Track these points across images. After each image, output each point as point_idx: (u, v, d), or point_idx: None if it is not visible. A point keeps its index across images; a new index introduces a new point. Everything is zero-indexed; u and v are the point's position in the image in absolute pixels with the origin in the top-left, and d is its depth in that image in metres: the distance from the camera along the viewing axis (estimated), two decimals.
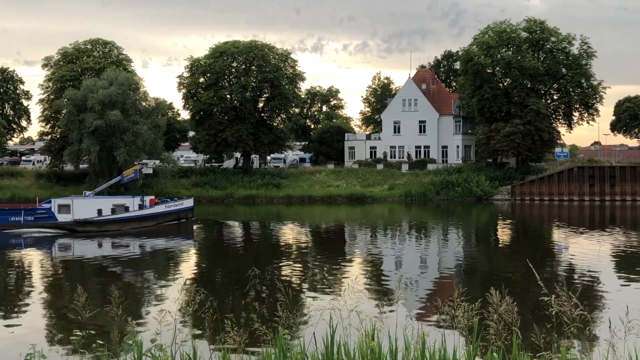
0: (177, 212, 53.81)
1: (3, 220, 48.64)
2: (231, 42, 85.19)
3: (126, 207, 50.65)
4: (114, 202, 50.98)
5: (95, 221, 48.89)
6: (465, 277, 31.14)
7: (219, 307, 8.99)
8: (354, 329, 8.05)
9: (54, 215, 48.89)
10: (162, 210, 52.81)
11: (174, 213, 53.58)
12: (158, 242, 44.17)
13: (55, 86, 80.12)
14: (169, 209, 53.26)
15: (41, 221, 48.73)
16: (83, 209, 49.29)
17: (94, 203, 50.34)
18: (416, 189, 77.49)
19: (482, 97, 79.90)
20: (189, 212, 54.87)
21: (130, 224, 49.99)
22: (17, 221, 48.52)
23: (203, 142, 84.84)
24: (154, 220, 51.67)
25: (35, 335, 19.85)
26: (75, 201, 49.95)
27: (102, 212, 49.61)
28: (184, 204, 55.51)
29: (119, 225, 49.45)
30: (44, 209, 49.50)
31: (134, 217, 50.65)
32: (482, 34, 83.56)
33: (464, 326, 7.63)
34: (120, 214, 50.19)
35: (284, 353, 7.73)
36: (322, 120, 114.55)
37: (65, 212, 48.85)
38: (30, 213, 48.98)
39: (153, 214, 52.01)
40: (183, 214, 54.21)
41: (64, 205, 49.18)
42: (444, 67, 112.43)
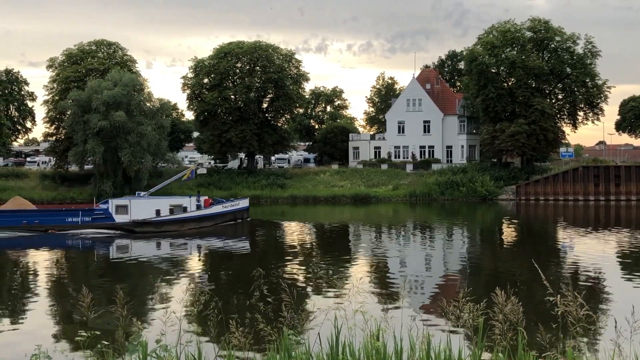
0: (233, 213, 53.22)
1: (60, 221, 48.39)
2: (235, 42, 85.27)
3: (184, 208, 50.13)
4: (171, 203, 50.52)
5: (154, 222, 48.49)
6: (470, 277, 31.10)
7: (229, 307, 8.98)
8: (359, 329, 8.03)
9: (111, 215, 48.54)
10: (220, 210, 52.24)
11: (231, 213, 53.01)
12: (216, 243, 43.66)
13: (60, 87, 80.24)
14: (226, 209, 52.70)
15: (99, 222, 48.42)
16: (141, 209, 48.86)
17: (151, 203, 49.84)
18: (421, 189, 77.43)
19: (487, 97, 79.80)
20: (244, 212, 54.33)
21: (189, 225, 49.43)
22: (74, 222, 48.25)
23: (207, 142, 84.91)
24: (211, 221, 51.11)
25: (42, 336, 19.89)
26: (133, 202, 49.46)
27: (160, 212, 49.16)
28: (240, 204, 54.81)
29: (177, 226, 48.99)
30: (102, 210, 49.19)
31: (192, 218, 50.13)
32: (487, 34, 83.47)
33: (470, 326, 7.61)
34: (178, 215, 49.73)
35: (288, 353, 7.72)
36: (326, 120, 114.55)
37: (123, 213, 48.48)
38: (87, 214, 48.71)
39: (211, 214, 51.46)
40: (239, 214, 53.68)
41: (121, 206, 48.82)
42: (448, 67, 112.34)
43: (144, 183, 70.12)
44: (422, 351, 7.70)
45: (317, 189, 79.12)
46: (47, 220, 48.67)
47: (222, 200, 55.09)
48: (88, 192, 72.35)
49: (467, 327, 7.64)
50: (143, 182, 69.93)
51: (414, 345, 7.82)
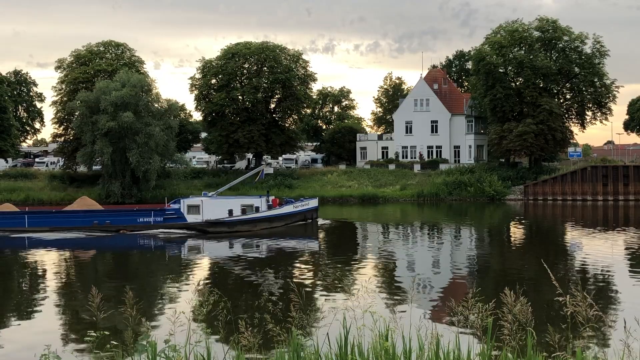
0: (304, 213, 52.72)
1: (131, 222, 48.41)
2: (243, 43, 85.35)
3: (256, 208, 49.74)
4: (242, 203, 50.15)
5: (226, 222, 48.17)
6: (479, 277, 31.05)
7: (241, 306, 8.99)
8: (368, 329, 8.03)
9: (183, 215, 48.37)
10: (291, 210, 51.74)
11: (301, 213, 52.52)
12: (288, 244, 43.32)
13: (68, 88, 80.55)
14: (297, 209, 52.17)
15: (170, 222, 48.29)
16: (213, 209, 48.53)
17: (224, 203, 49.49)
18: (428, 189, 77.34)
19: (495, 97, 79.63)
20: (313, 212, 53.70)
21: (261, 225, 49.01)
22: (146, 222, 48.23)
23: (215, 143, 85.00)
24: (282, 221, 50.65)
25: (53, 336, 19.98)
26: (205, 202, 49.14)
27: (232, 212, 48.78)
28: (309, 204, 54.23)
29: (250, 226, 48.57)
30: (173, 210, 49.09)
31: (264, 218, 49.71)
32: (494, 34, 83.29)
33: (478, 326, 7.60)
34: (251, 215, 49.33)
35: (297, 353, 7.72)
36: (333, 120, 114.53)
37: (195, 213, 48.21)
38: (159, 214, 48.64)
39: (283, 214, 50.99)
40: (309, 214, 53.13)
41: (193, 206, 48.54)
42: (456, 67, 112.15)
43: (152, 184, 70.31)
44: (431, 351, 7.69)
45: (325, 190, 79.08)
46: (119, 221, 48.70)
47: (291, 200, 54.53)
48: (96, 193, 72.54)
49: (475, 327, 7.63)
50: (151, 183, 70.12)
51: (423, 345, 7.82)
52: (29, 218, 48.77)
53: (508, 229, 54.03)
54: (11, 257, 39.78)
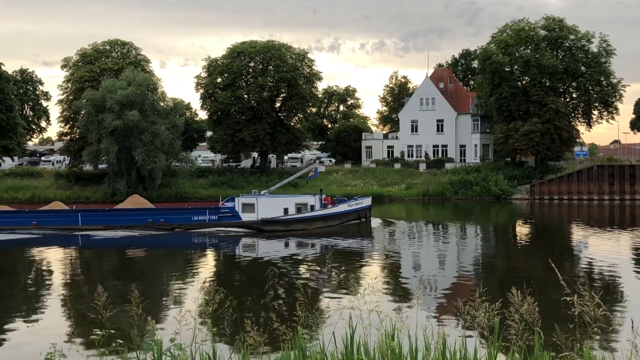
0: (357, 211, 52.19)
1: (186, 220, 48.41)
2: (248, 42, 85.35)
3: (311, 206, 49.33)
4: (297, 201, 49.79)
5: (282, 220, 47.90)
6: (484, 276, 30.99)
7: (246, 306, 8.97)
8: (374, 329, 8.01)
9: (237, 214, 48.21)
10: (346, 209, 51.29)
11: (355, 212, 51.98)
12: (343, 242, 42.80)
13: (74, 87, 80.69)
14: (351, 208, 51.71)
15: (225, 220, 48.21)
16: (268, 208, 48.24)
17: (278, 202, 49.21)
18: (434, 188, 77.22)
19: (501, 96, 79.50)
20: (367, 211, 53.14)
21: (317, 223, 48.61)
22: (201, 220, 48.18)
23: (220, 142, 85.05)
24: (337, 220, 50.28)
25: (58, 334, 20.00)
26: (260, 200, 48.87)
27: (288, 210, 48.38)
28: (363, 202, 53.52)
29: (305, 225, 48.13)
30: (228, 208, 48.92)
31: (320, 216, 49.29)
32: (500, 33, 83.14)
33: (485, 326, 7.56)
34: (306, 213, 48.93)
35: (303, 353, 7.70)
36: (339, 119, 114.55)
37: (249, 211, 48.02)
38: (214, 212, 48.54)
39: (338, 212, 50.58)
40: (362, 213, 52.61)
41: (248, 204, 48.31)
42: (462, 65, 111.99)
43: (158, 182, 70.38)
44: (437, 351, 7.67)
45: (330, 189, 78.97)
46: (173, 219, 48.65)
47: (344, 199, 54.00)
48: (102, 191, 72.67)
49: (482, 327, 7.60)
50: (157, 182, 70.19)
51: (429, 345, 7.79)
52: (82, 216, 48.83)
53: (514, 229, 53.91)
54: (64, 255, 40.07)
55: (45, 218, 49.28)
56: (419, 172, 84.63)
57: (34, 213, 50.36)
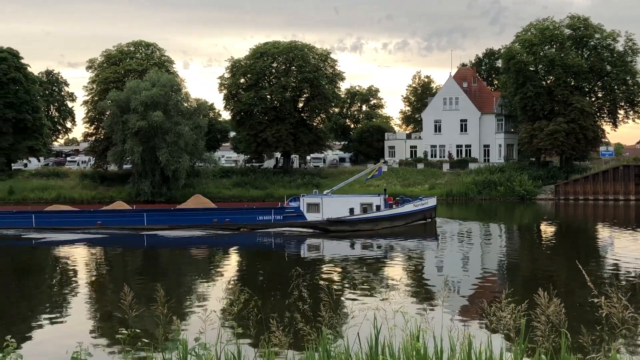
0: (423, 212, 51.36)
1: (251, 220, 48.42)
2: (271, 42, 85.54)
3: (377, 206, 48.80)
4: (362, 201, 49.32)
5: (348, 220, 47.53)
6: (510, 278, 30.78)
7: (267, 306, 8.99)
8: (399, 329, 7.98)
9: (302, 214, 47.99)
10: (412, 209, 50.61)
11: (421, 212, 51.16)
12: (407, 243, 42.33)
13: (99, 88, 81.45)
14: (417, 208, 50.96)
15: (290, 220, 48.04)
16: (333, 207, 47.87)
17: (344, 202, 48.82)
18: (457, 188, 76.83)
19: (525, 95, 78.94)
20: (432, 211, 52.33)
21: (383, 224, 48.08)
22: (266, 220, 48.14)
23: (244, 142, 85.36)
24: (403, 220, 49.58)
25: (86, 333, 20.21)
26: (325, 200, 48.51)
27: (354, 211, 47.99)
28: (428, 202, 52.66)
29: (371, 225, 47.65)
30: (293, 208, 48.78)
31: (386, 217, 48.80)
32: (525, 32, 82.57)
33: (511, 328, 7.50)
34: (372, 213, 48.43)
35: (327, 353, 7.70)
36: (361, 119, 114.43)
37: (314, 211, 47.74)
38: (279, 212, 48.48)
39: (404, 213, 49.95)
40: (427, 213, 51.78)
41: (313, 204, 48.03)
42: (486, 65, 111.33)
43: (182, 182, 70.78)
44: (463, 352, 7.62)
45: (353, 189, 78.76)
46: (239, 219, 48.66)
47: (409, 199, 53.42)
48: (127, 192, 73.20)
49: (508, 328, 7.54)
50: (180, 182, 70.59)
51: (455, 346, 7.75)
52: (147, 216, 49.12)
53: (539, 229, 53.45)
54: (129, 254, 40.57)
55: (111, 218, 49.61)
56: (442, 172, 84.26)
57: (99, 213, 50.69)
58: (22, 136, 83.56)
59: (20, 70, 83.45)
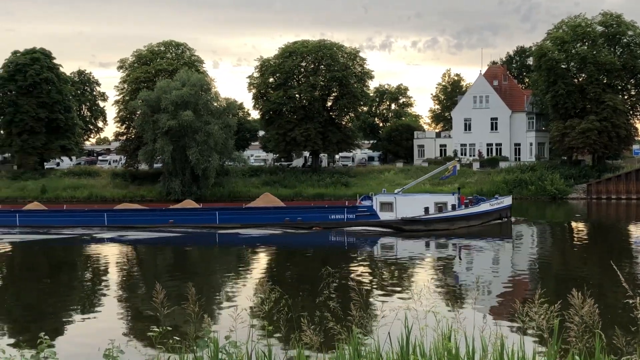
0: (499, 211, 50.14)
1: (323, 218, 48.08)
2: (300, 41, 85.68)
3: (452, 205, 47.92)
4: (436, 200, 48.62)
5: (423, 220, 46.72)
6: (541, 277, 30.44)
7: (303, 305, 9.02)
8: (431, 329, 7.94)
9: (375, 213, 47.30)
10: (488, 208, 49.38)
11: (497, 212, 49.97)
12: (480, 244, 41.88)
13: (130, 87, 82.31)
14: (493, 208, 49.79)
15: (363, 219, 47.40)
16: (407, 206, 47.01)
17: (418, 201, 48.06)
18: (488, 187, 76.13)
19: (556, 93, 78.08)
20: (508, 210, 50.97)
21: (459, 223, 47.13)
22: (338, 219, 47.61)
23: (272, 141, 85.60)
24: (479, 219, 48.45)
25: (116, 330, 20.43)
26: (399, 199, 47.75)
27: (429, 210, 47.14)
28: (504, 202, 51.29)
29: (447, 224, 46.81)
30: (365, 207, 48.13)
31: (463, 216, 48.04)
32: (556, 29, 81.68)
33: (544, 328, 7.42)
34: (448, 212, 47.56)
35: (358, 352, 7.69)
36: (390, 118, 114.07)
37: (388, 210, 46.96)
38: (351, 211, 47.91)
39: (481, 212, 48.88)
40: (503, 213, 50.49)
41: (386, 203, 47.32)
42: (517, 63, 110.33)
43: (211, 181, 71.25)
44: (495, 352, 7.56)
45: (382, 188, 78.63)
46: (311, 217, 48.33)
47: (483, 198, 52.48)
48: (157, 190, 73.84)
49: (541, 328, 7.46)
50: (210, 180, 71.06)
51: (486, 346, 7.69)
52: (219, 214, 49.13)
53: (570, 229, 52.81)
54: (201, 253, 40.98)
55: (183, 216, 49.72)
56: (472, 171, 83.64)
57: (171, 211, 50.79)
58: (55, 136, 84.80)
59: (52, 71, 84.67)
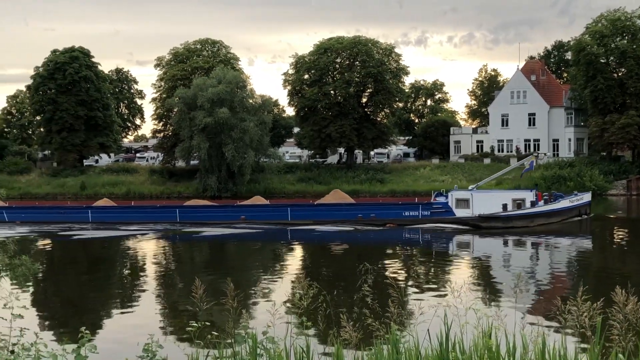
0: (578, 208, 49.21)
1: (397, 215, 47.64)
2: (335, 38, 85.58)
3: (532, 202, 46.93)
4: (513, 196, 47.85)
5: (502, 216, 45.88)
6: (581, 275, 29.99)
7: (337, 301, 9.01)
8: (471, 326, 7.86)
9: (451, 209, 46.77)
10: (568, 205, 48.36)
11: (576, 208, 49.03)
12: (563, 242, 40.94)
13: (167, 85, 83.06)
14: (573, 204, 48.70)
15: (438, 216, 46.86)
16: (485, 203, 46.14)
17: (495, 197, 47.41)
18: (525, 183, 75.19)
19: (595, 88, 76.87)
20: (587, 207, 50.03)
21: (538, 220, 46.03)
22: (413, 216, 47.14)
23: (307, 138, 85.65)
24: (559, 217, 47.41)
25: (155, 325, 20.66)
26: (475, 195, 47.14)
27: (507, 206, 46.27)
28: (583, 198, 50.19)
29: (526, 222, 45.90)
30: (441, 204, 47.70)
31: (542, 213, 46.83)
32: (595, 23, 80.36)
33: (587, 326, 7.29)
34: (527, 209, 46.64)
35: (396, 349, 7.64)
36: (426, 114, 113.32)
37: (464, 207, 46.31)
38: (426, 207, 47.41)
39: (560, 209, 47.77)
40: (583, 209, 49.71)
41: (462, 200, 46.74)
42: (555, 57, 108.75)
43: (247, 178, 71.63)
44: (537, 350, 7.46)
45: (417, 184, 78.26)
46: (384, 214, 47.93)
47: (561, 194, 51.81)
48: (194, 187, 74.48)
49: (584, 326, 7.33)
50: (246, 177, 71.44)
51: (527, 344, 7.59)
52: (291, 210, 49.23)
53: (610, 225, 51.93)
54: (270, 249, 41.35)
55: (255, 212, 49.86)
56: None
57: (243, 207, 50.94)
58: (94, 133, 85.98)
59: (91, 69, 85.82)
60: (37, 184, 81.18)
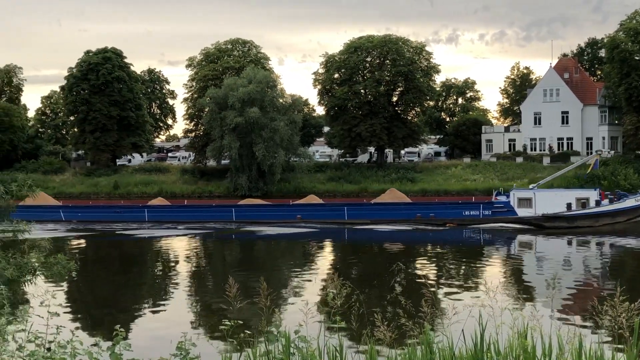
0: None
1: (457, 215, 47.43)
2: (365, 37, 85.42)
3: (596, 202, 46.48)
4: (577, 195, 47.41)
5: (566, 216, 45.33)
6: (613, 276, 29.56)
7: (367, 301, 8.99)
8: (507, 327, 7.78)
9: (513, 209, 46.27)
10: (634, 204, 47.32)
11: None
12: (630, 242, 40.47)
13: (198, 85, 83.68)
14: (638, 204, 47.52)
15: (499, 215, 46.44)
16: (548, 202, 45.62)
17: (559, 196, 46.91)
18: (559, 182, 74.35)
19: (630, 86, 75.69)
20: None
21: (603, 220, 45.62)
22: (473, 215, 46.81)
23: (337, 137, 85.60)
24: (625, 216, 46.73)
25: (187, 323, 20.81)
26: (538, 194, 46.64)
27: (571, 206, 45.76)
28: None
29: (591, 221, 45.37)
30: (502, 203, 47.23)
31: (608, 212, 46.34)
32: (629, 19, 79.14)
33: (624, 327, 7.18)
34: (592, 209, 46.09)
35: (430, 349, 7.59)
36: (457, 112, 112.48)
37: (526, 206, 45.84)
38: (487, 207, 47.07)
39: (627, 208, 46.91)
40: None
41: (524, 199, 46.23)
42: (588, 55, 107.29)
43: (277, 177, 71.87)
44: (573, 351, 7.35)
45: (448, 183, 77.78)
46: (444, 214, 47.72)
47: (625, 194, 50.98)
48: (225, 186, 74.87)
49: (621, 327, 7.22)
50: (276, 176, 71.69)
51: (563, 345, 7.50)
52: (348, 210, 49.21)
53: None
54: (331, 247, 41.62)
55: (311, 212, 49.92)
56: (542, 166, 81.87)
57: (299, 206, 51.10)
58: (126, 133, 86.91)
59: (123, 70, 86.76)
60: (71, 184, 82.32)
